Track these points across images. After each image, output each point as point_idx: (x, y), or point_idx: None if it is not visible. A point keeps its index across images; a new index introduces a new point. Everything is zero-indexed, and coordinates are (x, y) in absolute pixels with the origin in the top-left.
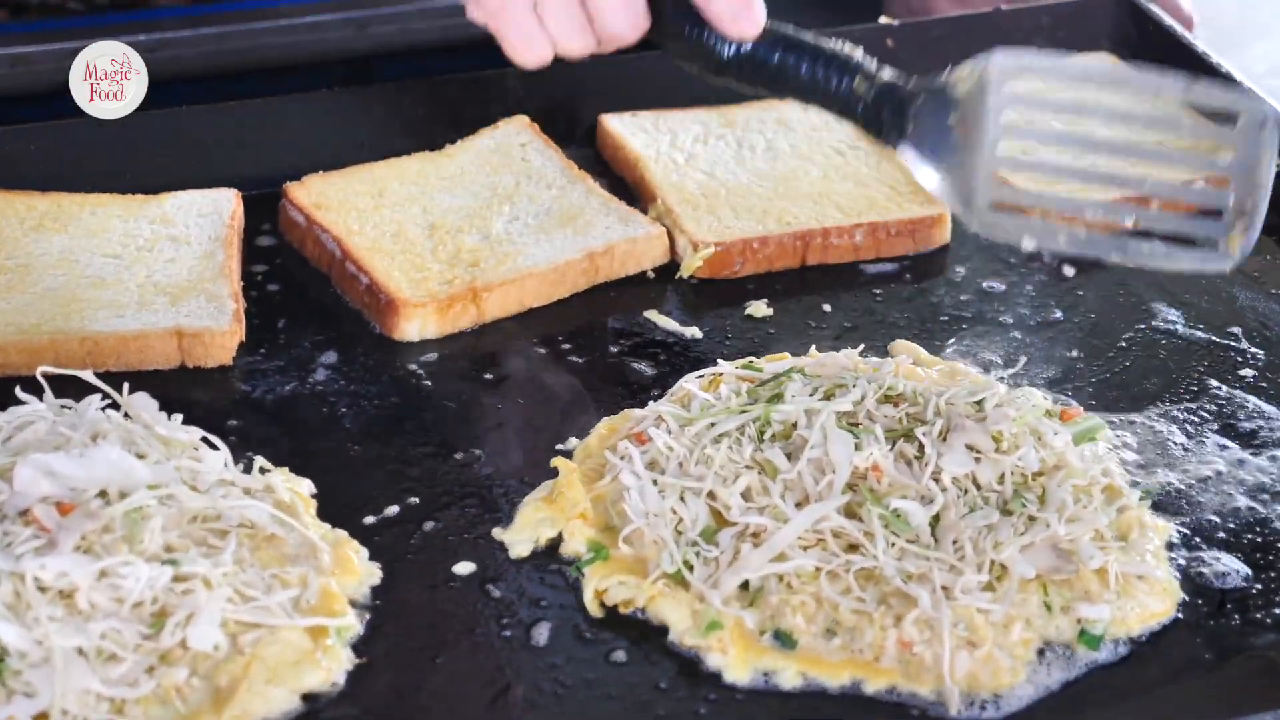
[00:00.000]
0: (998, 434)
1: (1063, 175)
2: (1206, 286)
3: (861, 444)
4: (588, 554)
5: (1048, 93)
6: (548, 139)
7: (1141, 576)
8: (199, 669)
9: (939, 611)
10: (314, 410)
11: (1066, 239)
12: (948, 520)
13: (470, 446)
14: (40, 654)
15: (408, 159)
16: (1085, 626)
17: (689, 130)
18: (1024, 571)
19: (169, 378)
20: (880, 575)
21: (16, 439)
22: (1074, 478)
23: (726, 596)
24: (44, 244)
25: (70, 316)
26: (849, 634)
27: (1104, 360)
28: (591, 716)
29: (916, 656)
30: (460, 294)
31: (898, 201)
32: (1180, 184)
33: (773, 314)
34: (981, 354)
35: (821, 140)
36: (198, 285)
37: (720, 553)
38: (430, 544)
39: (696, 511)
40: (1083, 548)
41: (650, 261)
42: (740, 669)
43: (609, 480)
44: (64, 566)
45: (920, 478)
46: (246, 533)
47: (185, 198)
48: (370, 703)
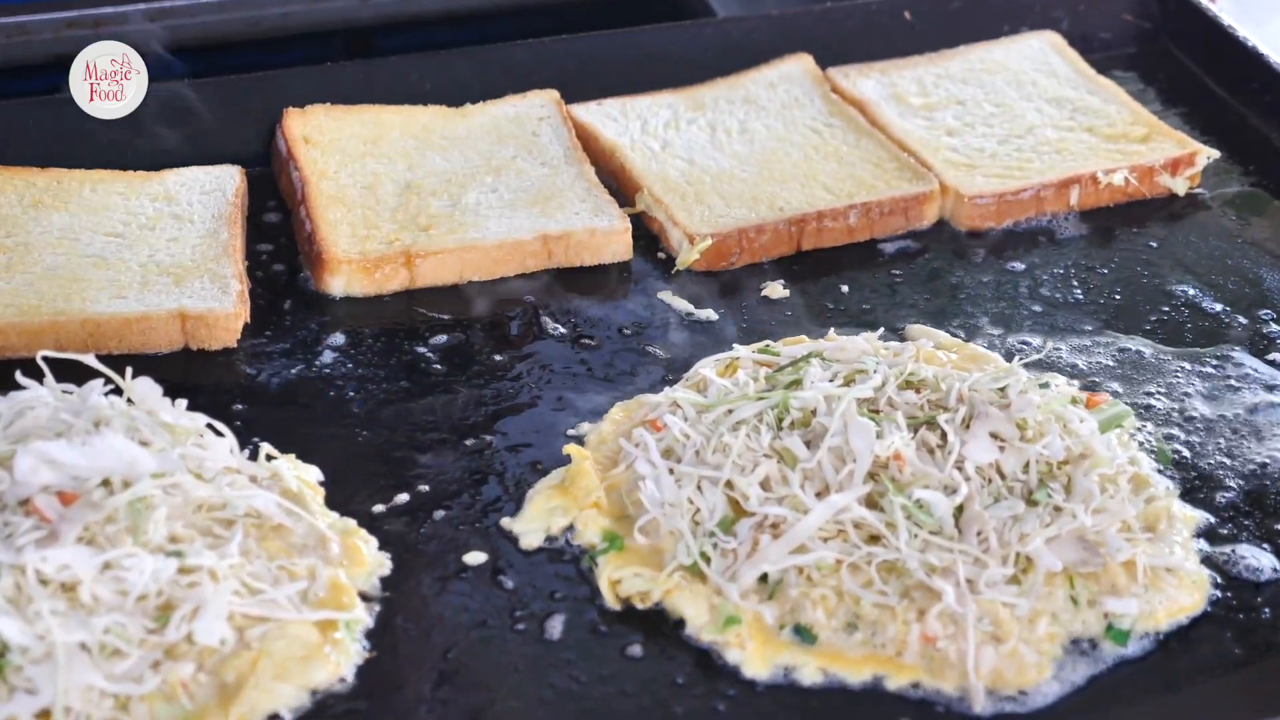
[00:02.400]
0: (1022, 421)
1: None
2: (1232, 267)
3: (883, 432)
4: (602, 544)
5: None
6: (570, 116)
7: (1170, 569)
8: (205, 664)
9: (964, 606)
10: (321, 394)
11: None
12: (972, 511)
13: (481, 432)
14: (42, 649)
15: (422, 110)
16: (1112, 621)
17: (658, 115)
18: (1051, 565)
19: (172, 361)
20: (903, 568)
21: (17, 425)
22: (1100, 467)
23: (745, 590)
24: (44, 222)
25: (71, 298)
26: (871, 628)
27: (1128, 341)
28: (608, 714)
29: (940, 652)
30: (391, 256)
31: (885, 179)
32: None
33: (789, 295)
34: (1001, 335)
35: (795, 119)
36: (201, 265)
37: (738, 544)
38: (441, 533)
39: (714, 501)
40: (1110, 540)
41: (611, 255)
42: (759, 664)
43: (623, 468)
44: (66, 559)
45: (943, 467)
46: (253, 522)
47: (188, 174)
48: (380, 698)
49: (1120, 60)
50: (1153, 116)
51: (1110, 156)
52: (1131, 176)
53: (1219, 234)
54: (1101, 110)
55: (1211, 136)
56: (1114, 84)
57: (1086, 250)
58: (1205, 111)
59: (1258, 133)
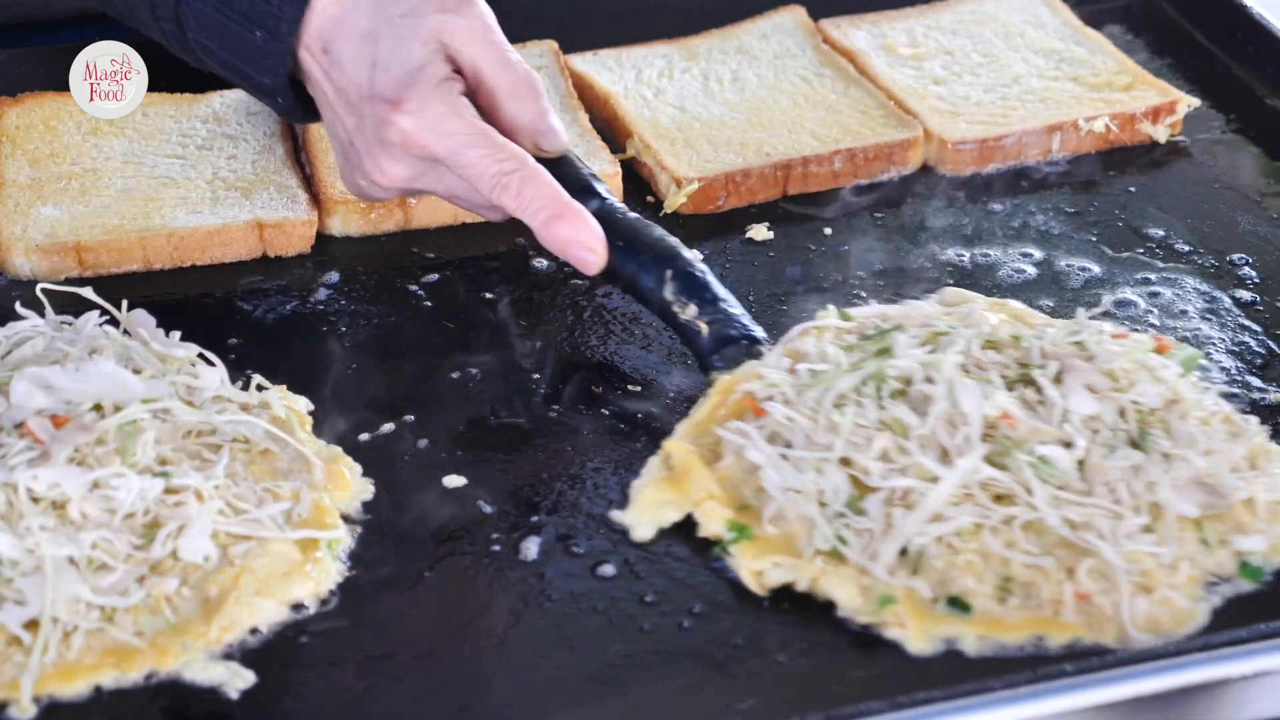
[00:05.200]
0: (1111, 372)
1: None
2: (1209, 211)
3: (986, 392)
4: (730, 535)
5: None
6: (568, 66)
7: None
8: (189, 579)
9: (1115, 560)
10: (314, 329)
11: None
12: (1093, 463)
13: (466, 365)
14: (32, 563)
15: None
16: (1244, 558)
17: (652, 65)
18: (1185, 510)
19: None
20: (1042, 526)
21: (15, 354)
22: (1195, 410)
23: (889, 566)
24: (105, 147)
25: (151, 215)
26: (1024, 590)
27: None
28: (575, 630)
29: (1096, 607)
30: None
31: (871, 126)
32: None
33: (772, 237)
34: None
35: (786, 68)
36: (265, 178)
37: (872, 522)
38: (422, 460)
39: (836, 481)
40: (1225, 480)
41: None
42: (920, 640)
43: (732, 459)
44: (56, 477)
45: (1052, 422)
46: (241, 447)
47: (231, 96)
48: (359, 615)
49: (1110, 14)
50: (1138, 66)
51: (1094, 105)
52: (1113, 124)
53: (1198, 180)
54: (1087, 61)
55: (1196, 86)
56: (1101, 36)
57: (1066, 194)
58: (1191, 63)
59: (1242, 83)
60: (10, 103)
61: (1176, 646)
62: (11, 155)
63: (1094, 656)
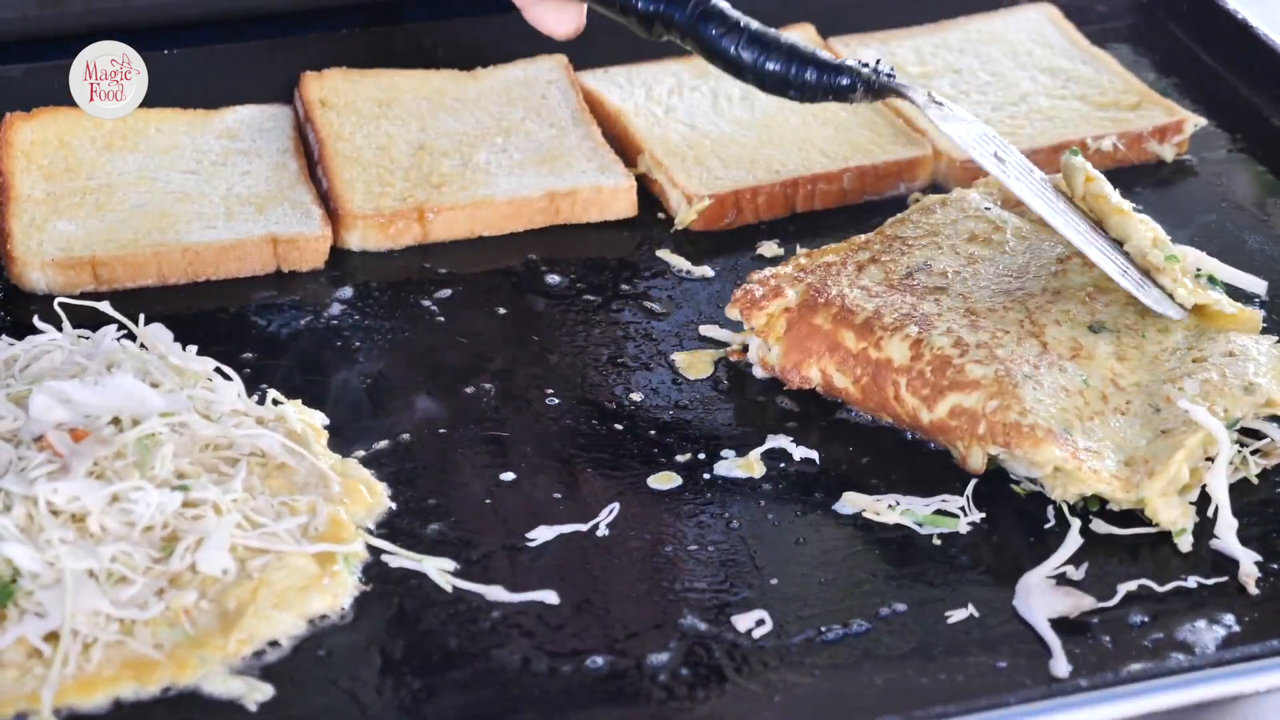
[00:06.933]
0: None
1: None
2: (1215, 229)
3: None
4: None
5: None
6: (576, 80)
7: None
8: (208, 592)
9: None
10: (328, 344)
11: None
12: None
13: (479, 380)
14: (52, 575)
15: (435, 73)
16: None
17: (662, 82)
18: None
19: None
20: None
21: (33, 367)
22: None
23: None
24: (119, 163)
25: (165, 230)
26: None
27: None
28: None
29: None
30: (404, 212)
31: (880, 144)
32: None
33: (782, 254)
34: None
35: None
36: (279, 194)
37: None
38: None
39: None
40: None
41: (616, 213)
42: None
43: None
44: (76, 490)
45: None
46: (258, 461)
47: (244, 112)
48: (375, 628)
49: (1116, 33)
50: (1144, 85)
51: (1101, 124)
52: (1120, 143)
53: (1205, 198)
54: (1094, 80)
55: (1203, 106)
56: (1108, 55)
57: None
58: (1197, 83)
59: (1247, 102)
60: (25, 118)
61: (1190, 663)
62: (27, 170)
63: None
